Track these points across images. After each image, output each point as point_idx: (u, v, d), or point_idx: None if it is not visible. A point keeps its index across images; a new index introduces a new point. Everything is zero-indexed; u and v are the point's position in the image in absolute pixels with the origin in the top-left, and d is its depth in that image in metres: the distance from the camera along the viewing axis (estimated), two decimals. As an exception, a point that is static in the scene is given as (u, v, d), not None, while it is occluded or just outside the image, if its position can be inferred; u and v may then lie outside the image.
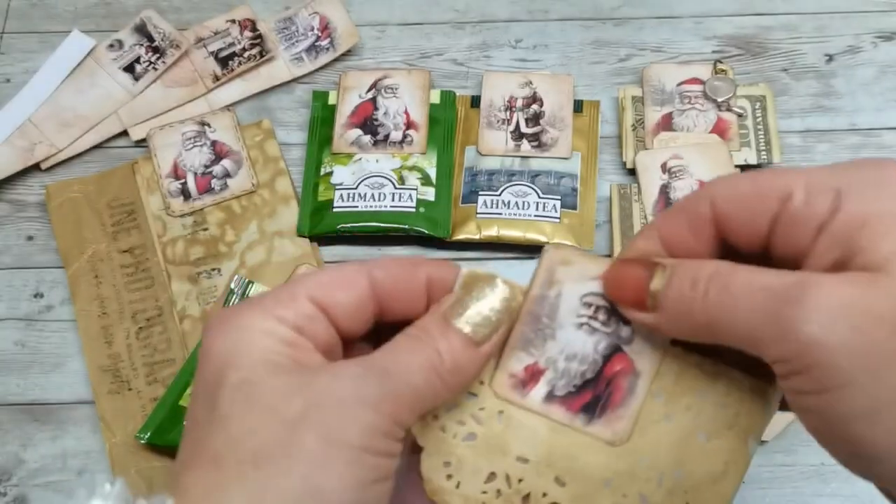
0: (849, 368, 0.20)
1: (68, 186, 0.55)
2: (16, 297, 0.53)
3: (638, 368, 0.29)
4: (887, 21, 0.59)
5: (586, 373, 0.29)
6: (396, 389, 0.24)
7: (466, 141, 0.55)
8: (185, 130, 0.56)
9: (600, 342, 0.29)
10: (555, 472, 0.29)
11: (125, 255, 0.53)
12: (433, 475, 0.29)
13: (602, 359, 0.29)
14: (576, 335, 0.30)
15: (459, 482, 0.29)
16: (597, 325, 0.30)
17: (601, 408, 0.29)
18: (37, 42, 0.61)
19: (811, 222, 0.22)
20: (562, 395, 0.29)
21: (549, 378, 0.29)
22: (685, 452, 0.28)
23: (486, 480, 0.29)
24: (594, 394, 0.29)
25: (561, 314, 0.30)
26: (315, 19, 0.60)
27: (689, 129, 0.54)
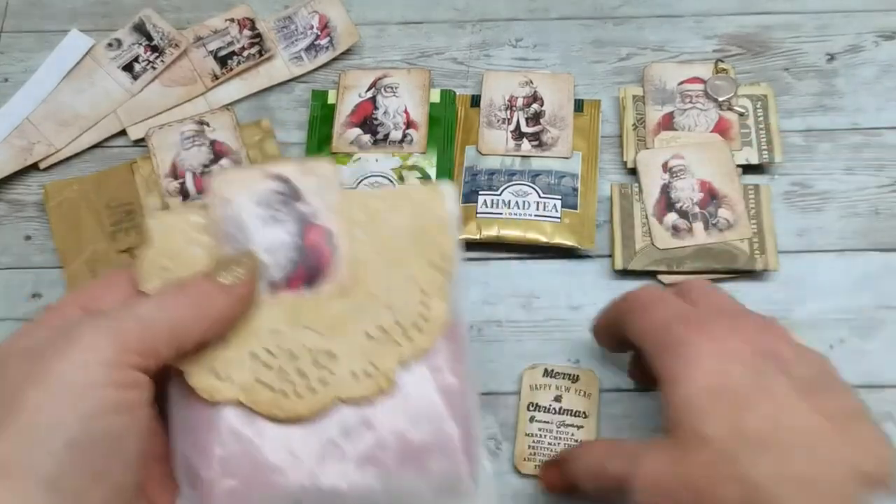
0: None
1: (66, 186, 0.55)
2: (14, 297, 0.53)
3: (329, 228, 0.34)
4: (889, 20, 0.59)
5: (291, 255, 0.33)
6: (117, 323, 0.27)
7: (466, 140, 0.55)
8: (184, 130, 0.56)
9: (289, 226, 0.34)
10: (306, 327, 0.33)
11: (124, 255, 0.53)
12: (203, 382, 0.31)
13: (298, 237, 0.34)
14: (266, 231, 0.33)
15: (229, 375, 0.32)
16: (279, 214, 0.34)
17: (318, 274, 0.33)
18: (35, 41, 0.61)
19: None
20: (281, 281, 0.33)
21: (263, 274, 0.33)
22: (402, 258, 0.34)
23: (251, 360, 0.32)
24: (306, 266, 0.33)
25: (247, 222, 0.33)
26: (314, 18, 0.60)
27: (690, 129, 0.54)
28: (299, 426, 0.32)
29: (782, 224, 0.52)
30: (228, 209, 0.33)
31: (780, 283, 0.51)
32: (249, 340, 0.32)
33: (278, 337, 0.32)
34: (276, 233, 0.34)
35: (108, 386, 0.26)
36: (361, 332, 0.33)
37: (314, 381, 0.32)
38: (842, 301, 0.50)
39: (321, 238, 0.34)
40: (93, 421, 0.25)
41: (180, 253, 0.33)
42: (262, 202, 0.34)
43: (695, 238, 0.51)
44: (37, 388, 0.25)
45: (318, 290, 0.33)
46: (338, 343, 0.32)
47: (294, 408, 0.32)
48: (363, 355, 0.32)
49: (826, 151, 0.55)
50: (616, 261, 0.51)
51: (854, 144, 0.55)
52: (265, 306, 0.33)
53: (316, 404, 0.32)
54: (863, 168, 0.54)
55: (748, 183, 0.53)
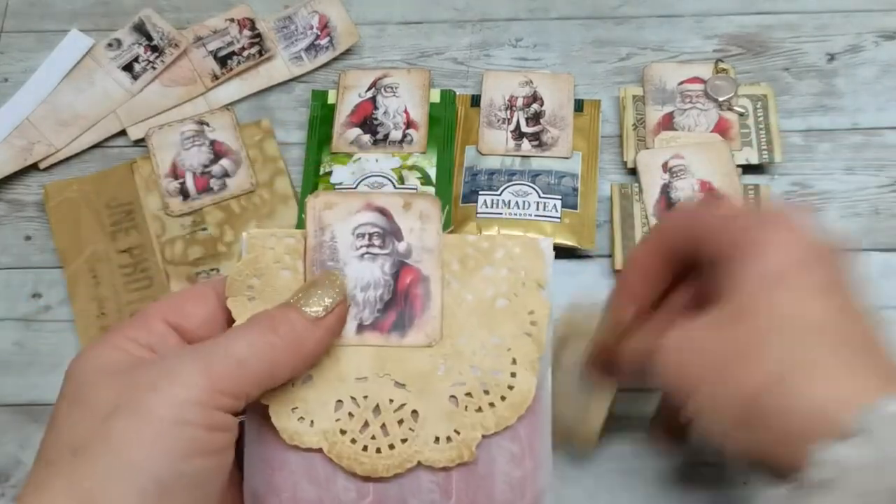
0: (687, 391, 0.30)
1: (66, 186, 0.55)
2: (14, 297, 0.53)
3: (425, 273, 0.33)
4: (889, 20, 0.59)
5: (384, 295, 0.32)
6: (212, 361, 0.26)
7: (466, 140, 0.55)
8: (184, 130, 0.56)
9: (385, 264, 0.33)
10: (392, 379, 0.32)
11: (124, 255, 0.53)
12: (286, 423, 0.31)
13: (392, 278, 0.33)
14: (361, 266, 0.32)
15: (312, 420, 0.31)
16: (375, 250, 0.33)
17: (408, 320, 0.32)
18: (35, 41, 0.61)
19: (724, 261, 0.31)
20: (370, 323, 0.32)
21: (354, 313, 0.32)
22: (494, 317, 0.32)
23: (336, 408, 0.31)
24: (397, 311, 0.32)
25: (341, 253, 0.33)
26: (314, 18, 0.60)
27: (690, 129, 0.54)
28: (374, 482, 0.31)
29: (782, 224, 0.52)
30: (325, 237, 0.33)
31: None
32: (336, 386, 0.31)
33: (364, 386, 0.32)
34: (371, 270, 0.33)
35: (199, 427, 0.25)
36: (446, 393, 0.32)
37: (396, 439, 0.31)
38: (842, 301, 0.50)
39: (415, 282, 0.33)
40: (182, 462, 0.25)
41: (267, 273, 0.32)
42: (360, 234, 0.33)
43: (695, 238, 0.51)
44: (128, 420, 0.24)
45: (405, 338, 0.32)
46: (423, 402, 0.32)
47: (374, 465, 0.31)
48: (448, 420, 0.32)
49: (826, 151, 0.55)
50: (616, 261, 0.51)
51: (854, 144, 0.55)
52: (352, 350, 0.32)
53: (395, 464, 0.31)
54: (863, 168, 0.54)
55: (748, 183, 0.53)
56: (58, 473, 0.24)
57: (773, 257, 0.30)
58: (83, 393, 0.26)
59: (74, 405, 0.25)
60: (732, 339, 0.29)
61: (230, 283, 0.31)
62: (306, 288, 0.30)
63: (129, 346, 0.27)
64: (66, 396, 0.26)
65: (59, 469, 0.24)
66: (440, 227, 0.33)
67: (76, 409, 0.25)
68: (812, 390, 0.27)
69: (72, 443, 0.24)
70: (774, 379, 0.27)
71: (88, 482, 0.24)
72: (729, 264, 0.30)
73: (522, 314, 0.33)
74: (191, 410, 0.25)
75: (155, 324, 0.28)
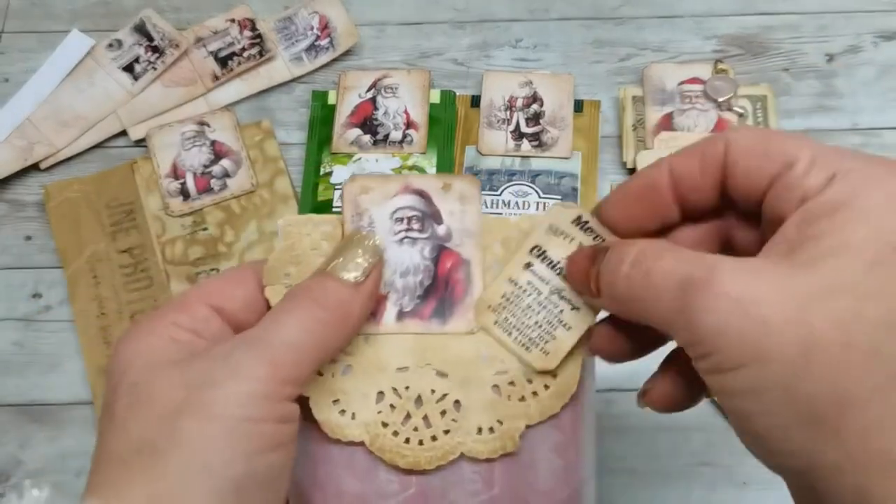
0: (739, 356, 0.21)
1: (67, 186, 0.55)
2: (14, 297, 0.53)
3: (466, 257, 0.31)
4: (888, 21, 0.59)
5: (424, 281, 0.31)
6: (271, 352, 0.25)
7: (466, 140, 0.55)
8: (185, 130, 0.56)
9: (424, 248, 0.31)
10: (434, 369, 0.30)
11: (124, 255, 0.53)
12: (327, 416, 0.30)
13: (432, 262, 0.31)
14: (400, 251, 0.31)
15: (354, 412, 0.30)
16: (414, 234, 0.31)
17: (449, 306, 0.31)
18: (36, 41, 0.61)
19: (797, 193, 0.23)
20: (410, 310, 0.31)
21: (394, 299, 0.31)
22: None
23: (377, 400, 0.30)
24: (438, 297, 0.31)
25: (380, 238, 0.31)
26: (314, 19, 0.60)
27: (689, 129, 0.54)
28: (416, 475, 0.30)
29: (782, 224, 0.52)
30: (362, 222, 0.31)
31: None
32: (377, 376, 0.30)
33: (405, 376, 0.30)
34: (410, 254, 0.31)
35: (268, 421, 0.24)
36: (489, 382, 0.30)
37: (439, 431, 0.30)
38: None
39: (456, 266, 0.31)
40: (256, 459, 0.24)
41: (304, 260, 0.31)
42: (399, 218, 0.32)
43: (694, 238, 0.51)
44: (197, 420, 0.24)
45: (446, 325, 0.31)
46: (465, 392, 0.30)
47: (416, 457, 0.30)
48: (490, 410, 0.30)
49: (825, 152, 0.55)
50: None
51: (854, 145, 0.55)
52: (392, 338, 0.31)
53: (438, 456, 0.30)
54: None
55: (748, 183, 0.53)
56: (130, 474, 0.23)
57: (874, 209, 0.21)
58: (143, 389, 0.25)
59: (137, 403, 0.25)
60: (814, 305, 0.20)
61: (267, 270, 0.30)
62: (340, 251, 0.29)
63: (175, 332, 0.26)
64: (124, 392, 0.25)
65: (131, 469, 0.23)
66: (480, 209, 0.32)
67: (139, 407, 0.24)
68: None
69: (141, 443, 0.24)
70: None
71: (164, 483, 0.23)
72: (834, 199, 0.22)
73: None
74: (259, 405, 0.24)
75: (197, 307, 0.27)
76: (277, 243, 0.31)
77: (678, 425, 0.48)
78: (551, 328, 0.31)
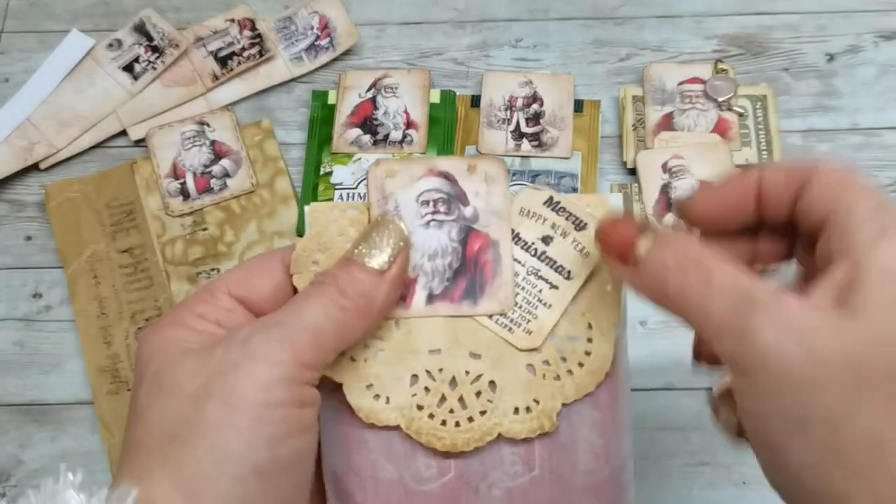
0: (788, 380, 0.21)
1: (67, 186, 0.55)
2: (14, 297, 0.53)
3: (494, 238, 0.31)
4: (888, 20, 0.59)
5: (452, 263, 0.31)
6: (291, 335, 0.25)
7: (466, 140, 0.55)
8: (185, 130, 0.56)
9: (451, 230, 0.31)
10: (467, 350, 0.30)
11: (124, 255, 0.53)
12: (361, 401, 0.29)
13: (460, 244, 0.31)
14: (427, 234, 0.31)
15: (388, 397, 0.29)
16: (441, 217, 0.31)
17: (479, 287, 0.31)
18: (36, 41, 0.61)
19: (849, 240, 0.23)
20: (440, 293, 0.30)
21: (423, 283, 0.30)
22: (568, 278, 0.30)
23: (411, 383, 0.30)
24: (468, 278, 0.31)
25: (406, 221, 0.31)
26: (314, 18, 0.60)
27: (689, 129, 0.54)
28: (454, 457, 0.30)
29: (782, 224, 0.52)
30: (388, 206, 0.31)
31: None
32: (409, 359, 0.30)
33: (439, 358, 0.30)
34: (438, 237, 0.31)
35: (290, 405, 0.25)
36: (523, 361, 0.30)
37: (475, 412, 0.30)
38: (841, 301, 0.50)
39: (484, 248, 0.31)
40: (279, 445, 0.24)
41: (332, 247, 0.31)
42: (425, 201, 0.31)
43: (694, 238, 0.51)
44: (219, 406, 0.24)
45: (477, 306, 0.31)
46: (500, 373, 0.30)
47: (453, 440, 0.30)
48: (526, 389, 0.30)
49: (825, 152, 0.55)
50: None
51: (853, 145, 0.55)
52: (423, 321, 0.30)
53: (476, 437, 0.30)
54: (862, 168, 0.54)
55: (748, 183, 0.53)
56: (156, 461, 0.24)
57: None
58: (165, 378, 0.25)
59: (159, 391, 0.25)
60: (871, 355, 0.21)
61: (295, 258, 0.30)
62: (365, 237, 0.28)
63: (198, 324, 0.26)
64: (147, 381, 0.25)
65: (157, 457, 0.24)
66: (507, 189, 0.32)
67: (162, 395, 0.25)
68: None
69: (164, 430, 0.24)
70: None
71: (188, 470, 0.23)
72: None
73: (598, 276, 0.31)
74: (279, 390, 0.24)
75: (221, 298, 0.27)
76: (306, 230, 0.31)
77: (678, 425, 0.48)
78: (531, 307, 0.31)
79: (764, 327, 0.22)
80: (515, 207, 0.31)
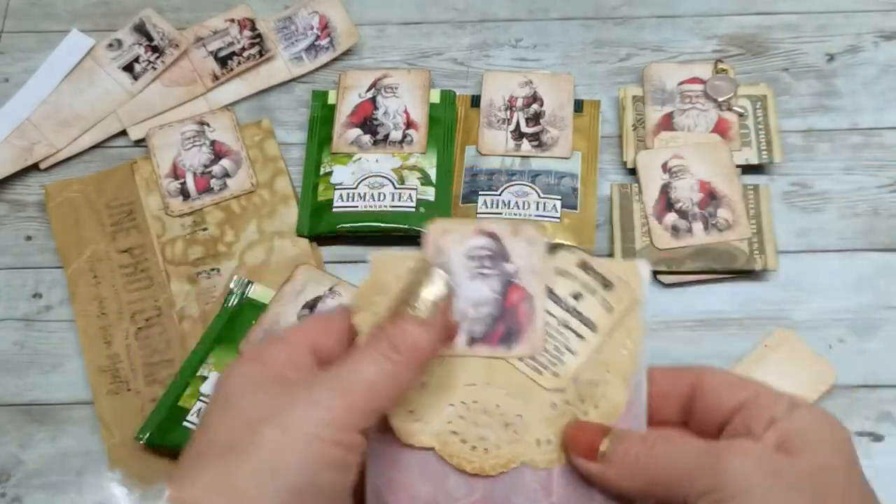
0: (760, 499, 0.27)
1: (67, 186, 0.55)
2: (14, 297, 0.53)
3: (530, 292, 0.36)
4: (888, 20, 0.59)
5: (493, 311, 0.36)
6: (348, 387, 0.29)
7: (466, 140, 0.55)
8: (185, 130, 0.56)
9: (494, 283, 0.36)
10: (500, 387, 0.35)
11: (124, 255, 0.53)
12: (402, 424, 0.34)
13: (500, 296, 0.36)
14: (472, 285, 0.36)
15: (426, 422, 0.34)
16: (486, 270, 0.36)
17: (514, 334, 0.35)
18: (35, 41, 0.61)
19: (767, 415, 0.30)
20: (481, 337, 0.35)
21: (466, 327, 0.35)
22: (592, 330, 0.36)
23: (448, 412, 0.34)
24: (505, 325, 0.35)
25: (455, 272, 0.36)
26: (314, 18, 0.60)
27: (689, 129, 0.54)
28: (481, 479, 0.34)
29: (782, 224, 0.52)
30: (441, 258, 0.36)
31: (779, 283, 0.51)
32: (448, 391, 0.35)
33: (474, 391, 0.35)
34: (481, 288, 0.36)
35: (336, 445, 0.28)
36: (548, 400, 0.35)
37: (502, 441, 0.34)
38: (841, 301, 0.50)
39: (522, 300, 0.36)
40: (319, 473, 0.28)
41: (389, 289, 0.35)
42: (473, 256, 0.36)
43: (694, 238, 0.51)
44: (275, 430, 0.27)
45: (511, 350, 0.35)
46: (527, 408, 0.35)
47: (481, 464, 0.34)
48: (549, 424, 0.34)
49: (825, 152, 0.55)
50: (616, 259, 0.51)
51: (853, 145, 0.55)
52: (464, 360, 0.35)
53: (501, 463, 0.34)
54: (862, 168, 0.54)
55: (747, 183, 0.53)
56: (206, 466, 0.27)
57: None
58: (234, 400, 0.29)
59: (226, 410, 0.29)
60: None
61: (357, 298, 0.34)
62: (412, 290, 0.32)
63: (274, 363, 0.30)
64: (219, 401, 0.29)
65: (209, 462, 0.27)
66: (545, 251, 0.37)
67: (227, 414, 0.29)
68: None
69: (222, 442, 0.28)
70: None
71: (234, 478, 0.27)
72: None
73: (620, 331, 0.36)
74: (328, 429, 0.28)
75: (296, 347, 0.32)
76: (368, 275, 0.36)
77: (678, 425, 0.48)
78: (559, 354, 0.35)
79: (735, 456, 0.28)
80: (551, 266, 0.36)
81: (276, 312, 0.50)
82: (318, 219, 0.53)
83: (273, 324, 0.50)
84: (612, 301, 0.36)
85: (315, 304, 0.50)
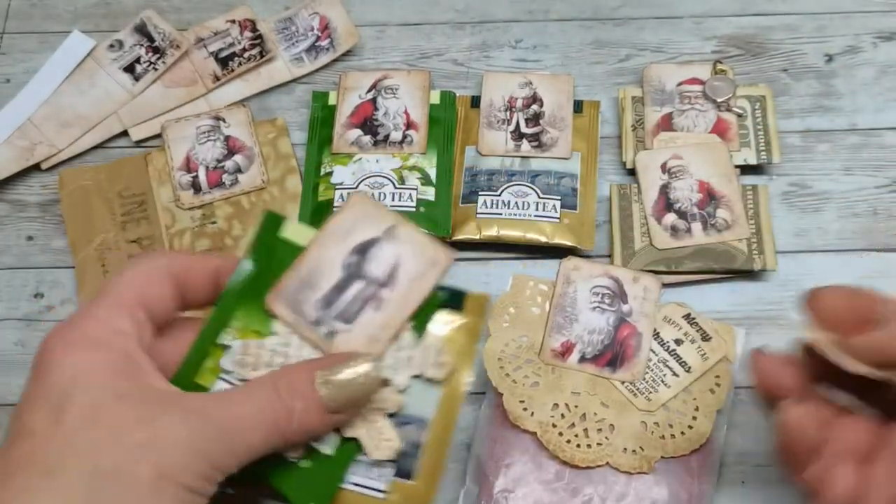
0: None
1: (80, 174, 0.55)
2: (16, 297, 0.53)
3: (639, 331, 0.44)
4: (887, 21, 0.59)
5: (604, 340, 0.44)
6: (230, 446, 0.27)
7: (466, 141, 0.55)
8: (200, 124, 0.56)
9: (609, 318, 0.45)
10: (599, 399, 0.43)
11: (133, 244, 0.53)
12: (514, 409, 0.43)
13: (613, 329, 0.44)
14: (592, 316, 0.45)
15: (533, 412, 0.43)
16: (605, 306, 0.45)
17: (620, 362, 0.44)
18: (37, 42, 0.61)
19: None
20: (590, 358, 0.44)
21: (580, 348, 0.44)
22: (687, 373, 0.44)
23: (552, 409, 0.43)
24: (613, 353, 0.44)
25: (579, 304, 0.45)
26: (315, 19, 0.60)
27: (688, 130, 0.54)
28: (569, 468, 0.42)
29: (781, 224, 0.53)
30: (570, 289, 0.45)
31: (778, 284, 0.51)
32: (556, 393, 0.43)
33: (577, 397, 0.43)
34: (599, 320, 0.45)
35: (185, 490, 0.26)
36: (639, 418, 0.42)
37: (594, 441, 0.42)
38: (840, 301, 0.51)
39: (630, 336, 0.44)
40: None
41: (522, 305, 0.45)
42: (597, 293, 0.45)
43: (693, 238, 0.51)
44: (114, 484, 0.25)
45: (615, 374, 0.43)
46: (619, 420, 0.42)
47: (573, 455, 0.42)
48: (635, 437, 0.42)
49: (824, 152, 0.55)
50: (615, 261, 0.51)
51: (852, 145, 0.55)
52: (573, 373, 0.44)
53: (590, 459, 0.42)
54: (861, 168, 0.54)
55: (746, 183, 0.53)
56: (73, 490, 0.25)
57: None
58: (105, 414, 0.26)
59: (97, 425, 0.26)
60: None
61: (495, 306, 0.45)
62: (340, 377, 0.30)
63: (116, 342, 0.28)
64: (81, 406, 0.26)
65: (76, 487, 0.25)
66: (658, 300, 0.45)
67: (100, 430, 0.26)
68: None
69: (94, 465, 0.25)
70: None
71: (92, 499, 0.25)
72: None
73: (710, 376, 0.43)
74: (200, 481, 0.26)
75: (135, 310, 0.29)
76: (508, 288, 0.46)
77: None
78: (655, 385, 0.43)
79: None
80: (661, 313, 0.45)
81: (315, 257, 0.36)
82: (319, 219, 0.53)
83: (312, 272, 0.36)
84: (708, 351, 0.44)
85: (367, 249, 0.36)
